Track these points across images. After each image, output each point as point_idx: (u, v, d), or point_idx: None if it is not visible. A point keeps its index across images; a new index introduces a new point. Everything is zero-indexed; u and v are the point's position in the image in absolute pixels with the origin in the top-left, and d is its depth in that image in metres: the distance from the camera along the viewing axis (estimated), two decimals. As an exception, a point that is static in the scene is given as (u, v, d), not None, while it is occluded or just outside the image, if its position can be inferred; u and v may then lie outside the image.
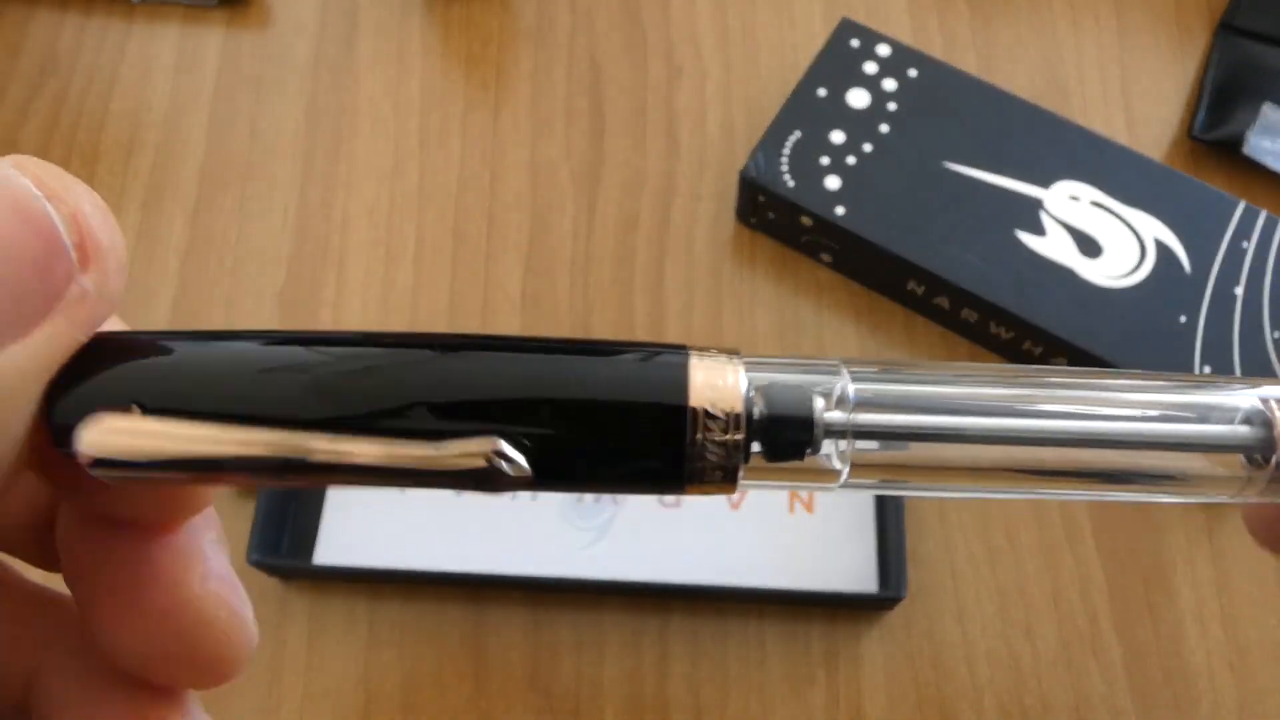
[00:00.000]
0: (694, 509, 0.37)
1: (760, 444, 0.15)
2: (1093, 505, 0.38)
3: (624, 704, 0.36)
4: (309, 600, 0.37)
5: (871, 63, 0.42)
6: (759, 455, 0.15)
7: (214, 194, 0.44)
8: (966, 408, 0.16)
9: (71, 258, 0.14)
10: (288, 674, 0.36)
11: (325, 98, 0.46)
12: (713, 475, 0.15)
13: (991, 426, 0.16)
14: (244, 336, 0.15)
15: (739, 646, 0.36)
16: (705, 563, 0.36)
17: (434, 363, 0.15)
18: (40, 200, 0.14)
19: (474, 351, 0.15)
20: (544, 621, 0.37)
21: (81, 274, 0.14)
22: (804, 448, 0.15)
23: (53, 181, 0.14)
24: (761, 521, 0.37)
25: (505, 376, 0.15)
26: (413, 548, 0.37)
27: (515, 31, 0.47)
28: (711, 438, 0.14)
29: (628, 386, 0.15)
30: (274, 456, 0.14)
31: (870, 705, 0.36)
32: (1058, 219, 0.39)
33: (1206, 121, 0.44)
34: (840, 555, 0.36)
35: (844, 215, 0.40)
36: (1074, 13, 0.47)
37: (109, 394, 0.14)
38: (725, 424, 0.14)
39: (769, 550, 0.36)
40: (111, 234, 0.15)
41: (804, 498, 0.37)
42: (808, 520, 0.37)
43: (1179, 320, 0.38)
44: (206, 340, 0.15)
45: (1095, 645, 0.37)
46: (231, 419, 0.14)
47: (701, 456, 0.14)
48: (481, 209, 0.44)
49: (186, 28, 0.47)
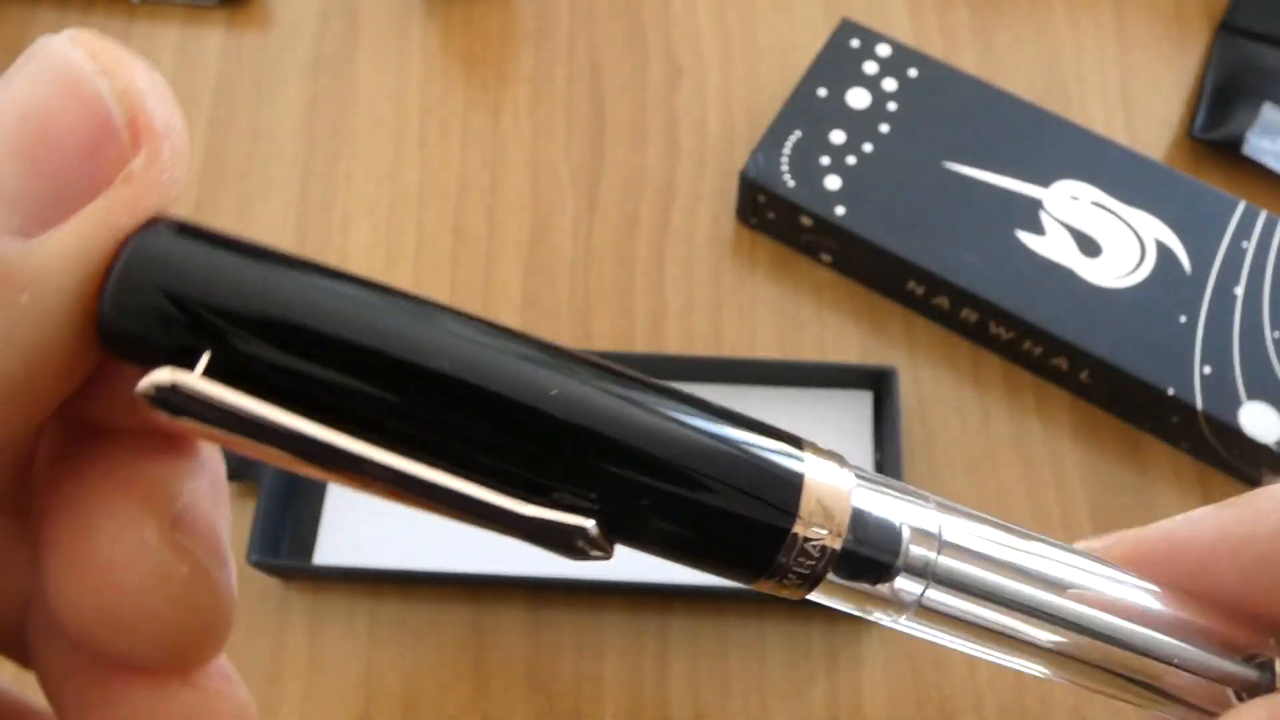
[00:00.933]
0: None
1: (840, 565, 0.15)
2: (1094, 505, 0.39)
3: (624, 704, 0.36)
4: (309, 600, 0.37)
5: (871, 63, 0.42)
6: (834, 571, 0.15)
7: (214, 194, 0.44)
8: (1042, 581, 0.16)
9: (124, 140, 0.13)
10: (288, 674, 0.36)
11: (325, 98, 0.46)
12: (787, 581, 0.15)
13: (1065, 610, 0.16)
14: (346, 282, 0.13)
15: (739, 647, 0.36)
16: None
17: (549, 409, 0.13)
18: (94, 77, 0.13)
19: (582, 401, 0.14)
20: (544, 621, 0.37)
21: (133, 156, 0.13)
22: (881, 579, 0.15)
23: (107, 56, 0.13)
24: None
25: (614, 451, 0.14)
26: (413, 548, 0.37)
27: (515, 31, 0.47)
28: (802, 559, 0.14)
29: (737, 497, 0.14)
30: (361, 467, 0.13)
31: (870, 705, 0.36)
32: (1058, 219, 0.39)
33: (1206, 121, 0.44)
34: None
35: (844, 215, 0.40)
36: (1074, 13, 0.47)
37: (167, 314, 0.13)
38: (820, 552, 0.14)
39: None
40: (169, 115, 0.13)
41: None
42: None
43: (1179, 320, 0.38)
44: (299, 272, 0.13)
45: (1095, 645, 0.37)
46: (316, 409, 0.13)
47: (786, 570, 0.15)
48: (481, 209, 0.44)
49: (186, 28, 0.47)
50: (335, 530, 0.37)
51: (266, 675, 0.36)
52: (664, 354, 0.39)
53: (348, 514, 0.37)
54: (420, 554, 0.36)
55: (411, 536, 0.37)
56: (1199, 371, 0.37)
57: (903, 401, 0.40)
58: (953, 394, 0.40)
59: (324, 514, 0.37)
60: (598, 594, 0.37)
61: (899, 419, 0.37)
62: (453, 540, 0.37)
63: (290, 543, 0.37)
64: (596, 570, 0.36)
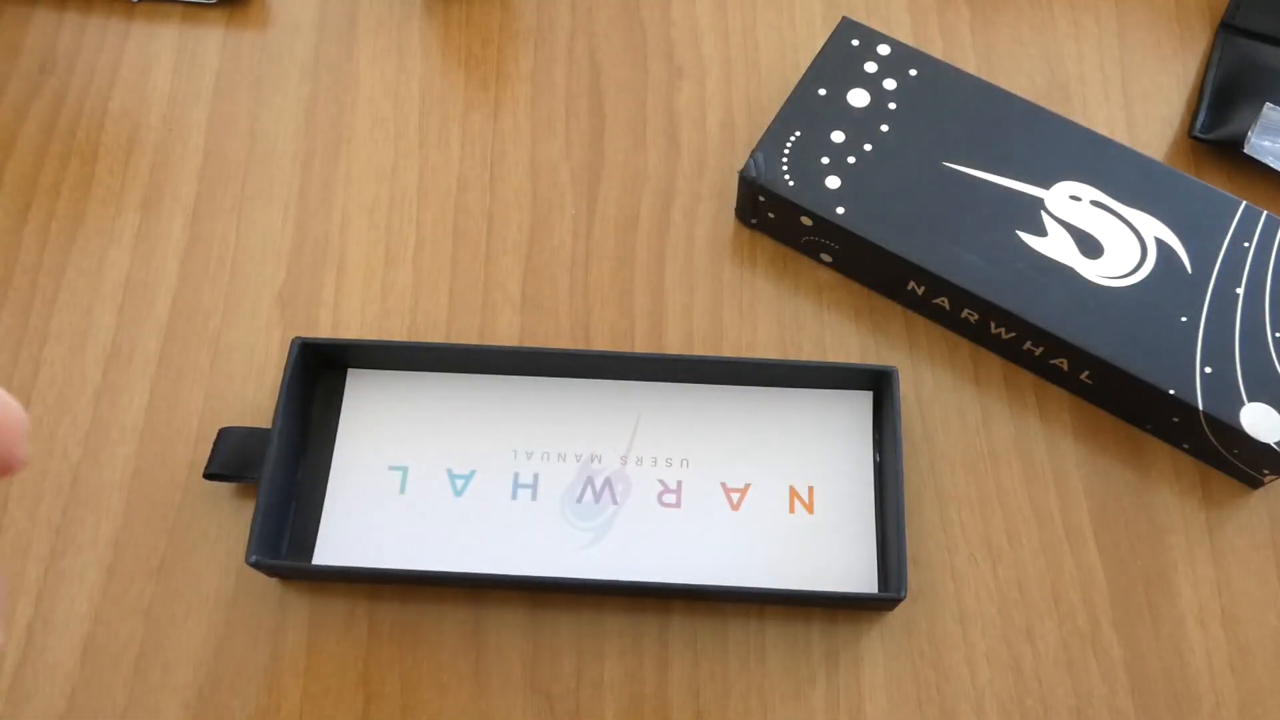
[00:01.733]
0: (694, 508, 0.37)
1: None
2: (1094, 505, 0.38)
3: (624, 704, 0.36)
4: (309, 600, 0.37)
5: (872, 62, 0.42)
6: None
7: (214, 194, 0.44)
8: None
9: None
10: (288, 674, 0.36)
11: (325, 97, 0.46)
12: None
13: None
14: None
15: (739, 646, 0.36)
16: (705, 563, 0.36)
17: None
18: None
19: None
20: (544, 621, 0.37)
21: None
22: None
23: None
24: (761, 522, 0.37)
25: None
26: (412, 549, 0.37)
27: (515, 31, 0.47)
28: None
29: None
30: None
31: (870, 705, 0.36)
32: (1059, 219, 0.39)
33: (1208, 121, 0.44)
34: (841, 556, 0.36)
35: (844, 215, 0.40)
36: (1074, 13, 0.47)
37: None
38: None
39: (769, 550, 0.36)
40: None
41: (804, 498, 0.37)
42: (808, 520, 0.37)
43: (1180, 320, 0.38)
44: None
45: (1096, 646, 0.37)
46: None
47: None
48: (481, 209, 0.44)
49: (186, 27, 0.47)
50: (335, 532, 0.37)
51: (266, 675, 0.36)
52: (665, 355, 0.39)
53: (347, 516, 0.37)
54: (419, 555, 0.36)
55: (410, 537, 0.37)
56: (1200, 371, 0.37)
57: (903, 401, 0.40)
58: (953, 394, 0.40)
59: (324, 516, 0.37)
60: (597, 594, 0.37)
61: (899, 419, 0.37)
62: (451, 541, 0.37)
63: (290, 544, 0.37)
64: (596, 570, 0.36)
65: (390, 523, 0.37)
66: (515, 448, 0.38)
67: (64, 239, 0.43)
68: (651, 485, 0.37)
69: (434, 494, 0.37)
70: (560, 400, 0.39)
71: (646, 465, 0.38)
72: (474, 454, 0.38)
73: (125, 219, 0.43)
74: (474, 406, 0.39)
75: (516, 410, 0.38)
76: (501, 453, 0.38)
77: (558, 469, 0.38)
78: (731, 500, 0.37)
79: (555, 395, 0.39)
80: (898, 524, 0.35)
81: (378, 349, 0.38)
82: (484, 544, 0.37)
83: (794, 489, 0.37)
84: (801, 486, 0.37)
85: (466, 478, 0.37)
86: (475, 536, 0.37)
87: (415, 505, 0.37)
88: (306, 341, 0.38)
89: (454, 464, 0.38)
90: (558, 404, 0.39)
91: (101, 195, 0.44)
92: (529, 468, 0.38)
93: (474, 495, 0.37)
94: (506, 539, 0.37)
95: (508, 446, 0.38)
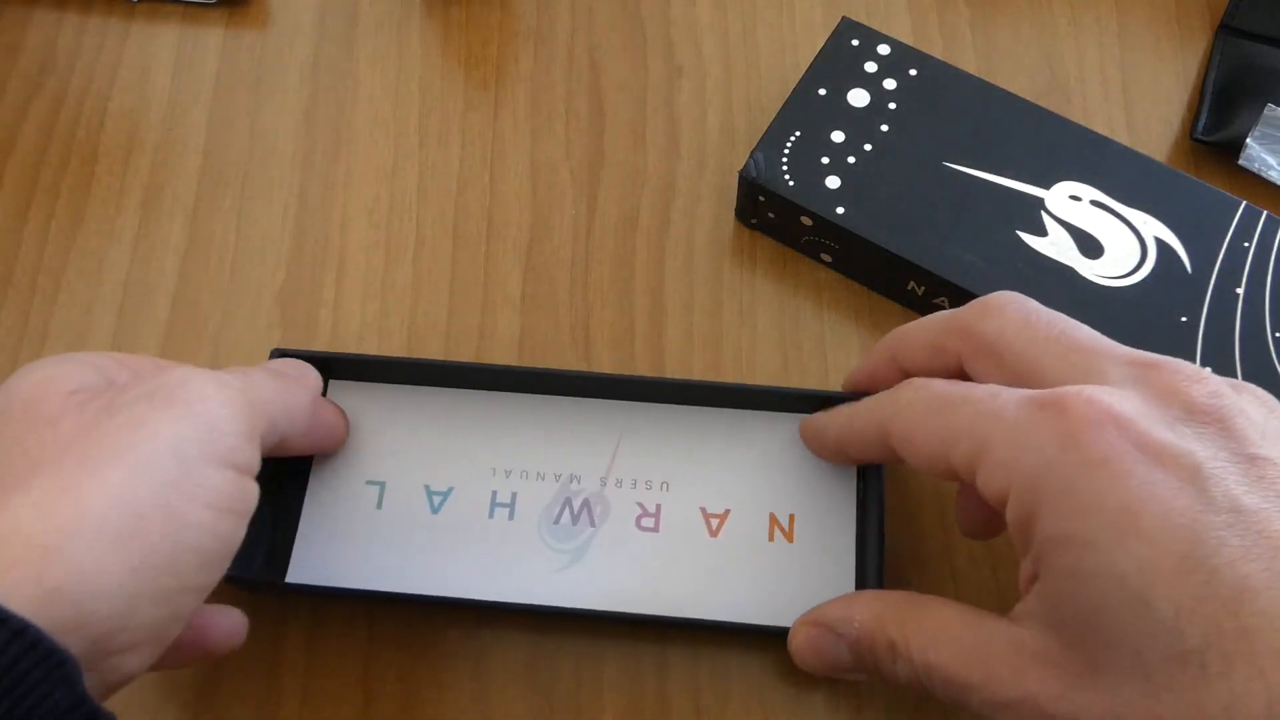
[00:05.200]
0: (673, 533, 0.36)
1: None
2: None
3: (624, 705, 0.36)
4: (309, 601, 0.37)
5: (872, 62, 0.42)
6: None
7: (214, 194, 0.44)
8: None
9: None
10: (287, 675, 0.36)
11: (325, 98, 0.46)
12: None
13: None
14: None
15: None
16: (682, 591, 0.35)
17: None
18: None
19: None
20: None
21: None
22: None
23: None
24: (740, 549, 0.36)
25: None
26: (389, 566, 0.35)
27: (515, 31, 0.47)
28: None
29: None
30: None
31: (870, 707, 0.36)
32: (1059, 219, 0.39)
33: (1208, 124, 0.44)
34: (821, 591, 0.35)
35: (844, 215, 0.40)
36: (1074, 13, 0.47)
37: None
38: None
39: (747, 579, 0.35)
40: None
41: (784, 527, 0.36)
42: (787, 549, 0.36)
43: (1180, 320, 0.38)
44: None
45: (1096, 646, 0.36)
46: None
47: None
48: (481, 209, 0.44)
49: (186, 27, 0.47)
50: (310, 548, 0.36)
51: (266, 676, 0.36)
52: (649, 377, 0.38)
53: (323, 533, 0.36)
54: (398, 571, 0.35)
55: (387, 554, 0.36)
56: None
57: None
58: (953, 394, 0.40)
59: (299, 532, 0.36)
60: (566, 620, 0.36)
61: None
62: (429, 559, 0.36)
63: (263, 559, 0.36)
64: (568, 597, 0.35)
65: (366, 538, 0.36)
66: (494, 465, 0.37)
67: (64, 239, 0.43)
68: (630, 508, 0.36)
69: (411, 510, 0.36)
70: (542, 418, 0.38)
71: (626, 487, 0.37)
72: (453, 471, 0.37)
73: (125, 219, 0.43)
74: (454, 422, 0.37)
75: (497, 427, 0.37)
76: (480, 471, 0.37)
77: (536, 488, 0.37)
78: (710, 526, 0.36)
79: (537, 412, 0.38)
80: (877, 551, 0.35)
81: (357, 362, 0.38)
82: (460, 563, 0.36)
83: (774, 517, 0.36)
84: (782, 515, 0.36)
85: (444, 494, 0.37)
86: (452, 555, 0.36)
87: (392, 521, 0.36)
88: (285, 352, 0.36)
89: (432, 480, 0.37)
90: (539, 422, 0.37)
91: (101, 195, 0.44)
92: (507, 486, 0.37)
93: (451, 512, 0.36)
94: (482, 558, 0.36)
95: (487, 464, 0.37)
